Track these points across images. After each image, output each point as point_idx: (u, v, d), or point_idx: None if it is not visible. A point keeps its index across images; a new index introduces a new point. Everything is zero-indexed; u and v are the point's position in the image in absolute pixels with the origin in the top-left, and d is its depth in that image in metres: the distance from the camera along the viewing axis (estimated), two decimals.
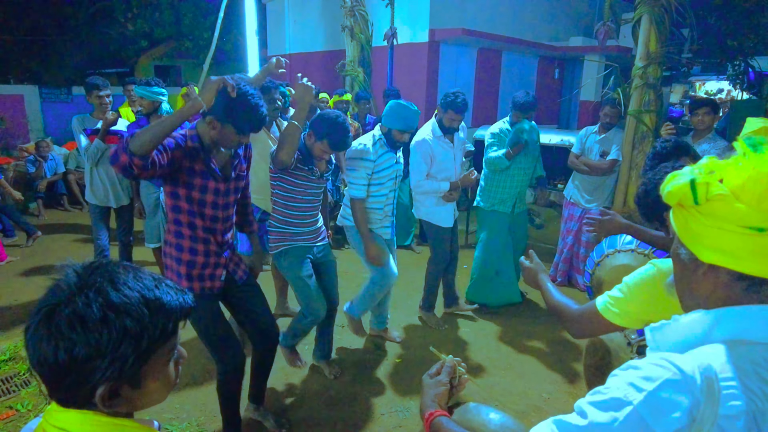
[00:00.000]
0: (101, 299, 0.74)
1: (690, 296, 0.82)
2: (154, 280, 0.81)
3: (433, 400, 1.09)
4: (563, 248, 4.62)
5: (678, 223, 0.80)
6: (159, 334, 0.77)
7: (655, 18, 4.21)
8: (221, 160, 2.11)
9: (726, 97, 13.34)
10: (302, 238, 2.78)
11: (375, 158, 3.00)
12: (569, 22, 10.26)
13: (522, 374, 3.21)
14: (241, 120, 1.95)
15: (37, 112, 9.97)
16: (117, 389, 0.77)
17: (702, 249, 0.75)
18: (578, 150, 4.45)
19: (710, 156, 0.80)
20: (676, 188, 0.76)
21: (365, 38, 6.94)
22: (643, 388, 0.69)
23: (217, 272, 2.20)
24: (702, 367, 0.69)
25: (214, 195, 2.08)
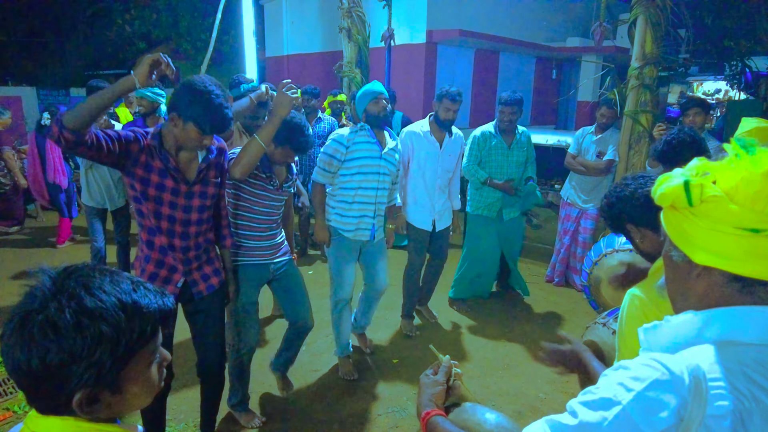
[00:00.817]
0: (74, 304, 0.73)
1: (682, 297, 0.83)
2: (132, 284, 0.80)
3: (429, 400, 1.09)
4: (560, 248, 4.63)
5: (670, 225, 0.80)
6: (137, 337, 0.76)
7: (651, 19, 4.22)
8: (184, 161, 2.05)
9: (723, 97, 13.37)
10: (257, 253, 2.50)
11: (348, 144, 2.83)
12: (566, 22, 10.29)
13: (518, 374, 3.22)
14: (202, 119, 1.88)
15: (35, 113, 9.94)
16: (96, 395, 0.76)
17: (696, 251, 0.75)
18: (575, 150, 4.47)
19: (701, 157, 0.80)
20: (669, 190, 0.76)
21: (362, 39, 6.94)
22: (632, 388, 0.70)
23: (174, 277, 2.11)
24: (690, 367, 0.70)
25: (171, 195, 2.02)
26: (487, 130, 3.86)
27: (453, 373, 1.15)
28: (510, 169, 3.88)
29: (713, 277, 0.76)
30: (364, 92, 2.95)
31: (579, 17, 10.45)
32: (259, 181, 2.41)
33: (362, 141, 2.88)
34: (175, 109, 1.92)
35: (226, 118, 1.94)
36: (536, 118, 10.31)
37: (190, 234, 2.12)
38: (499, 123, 3.85)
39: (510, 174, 3.88)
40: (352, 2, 6.78)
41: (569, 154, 4.49)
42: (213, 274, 2.24)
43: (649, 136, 4.29)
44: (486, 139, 3.83)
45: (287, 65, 10.36)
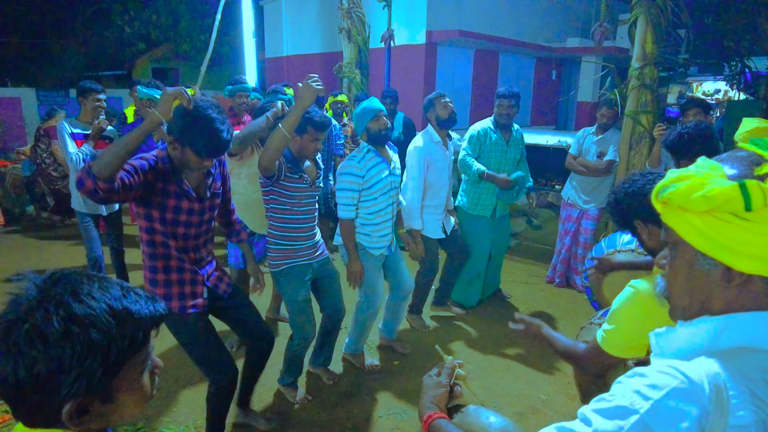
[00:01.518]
0: (62, 312, 0.70)
1: (699, 304, 0.77)
2: (122, 290, 0.77)
3: (432, 402, 1.07)
4: (561, 249, 4.62)
5: (695, 231, 0.72)
6: (128, 345, 0.74)
7: (651, 19, 4.22)
8: (194, 180, 2.06)
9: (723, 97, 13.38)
10: (303, 254, 2.65)
11: (363, 173, 2.80)
12: (566, 23, 10.29)
13: (520, 376, 3.21)
14: (198, 144, 1.87)
15: (34, 114, 9.95)
16: (86, 405, 0.73)
17: (741, 258, 0.69)
18: (576, 151, 4.46)
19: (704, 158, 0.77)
20: (718, 192, 0.68)
21: (362, 40, 6.94)
22: (649, 396, 0.67)
23: (197, 290, 2.15)
24: (710, 375, 0.67)
25: (187, 215, 2.04)
26: (486, 126, 3.84)
27: (457, 374, 1.13)
28: (507, 166, 3.88)
29: (753, 284, 0.72)
30: (364, 110, 2.88)
31: (579, 17, 10.45)
32: (294, 183, 2.52)
33: (373, 165, 2.85)
34: (172, 133, 1.92)
35: (222, 142, 1.92)
36: (536, 119, 10.31)
37: (200, 244, 2.19)
38: (497, 118, 3.82)
39: (507, 171, 3.88)
40: (352, 3, 6.77)
41: (570, 155, 4.48)
42: (223, 273, 2.32)
43: (649, 137, 4.29)
44: (486, 135, 3.80)
45: (287, 66, 10.35)
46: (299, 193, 2.56)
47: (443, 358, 1.17)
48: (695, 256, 0.75)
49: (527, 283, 4.76)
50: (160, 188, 1.95)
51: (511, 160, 3.90)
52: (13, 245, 5.68)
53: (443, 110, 3.41)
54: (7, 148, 9.12)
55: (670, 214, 0.76)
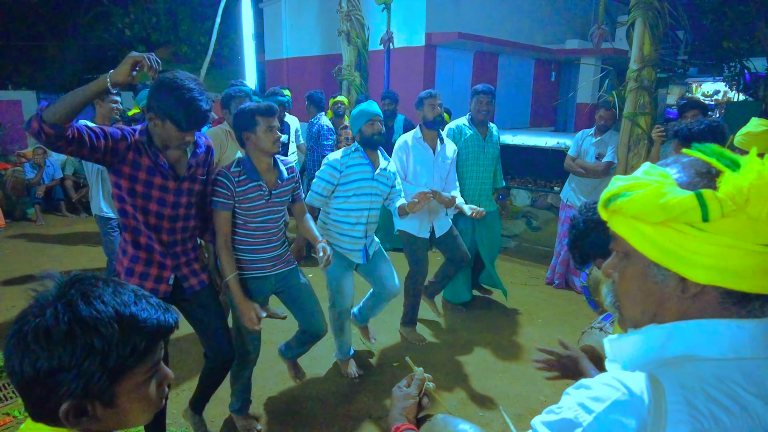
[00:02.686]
0: (70, 313, 0.72)
1: (650, 314, 0.76)
2: (136, 297, 0.79)
3: (401, 413, 1.07)
4: (560, 251, 4.63)
5: (650, 242, 0.71)
6: (129, 352, 0.75)
7: (649, 21, 4.23)
8: (172, 157, 2.05)
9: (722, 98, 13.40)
10: (257, 266, 2.42)
11: (342, 168, 2.83)
12: (565, 24, 10.31)
13: (519, 377, 3.22)
14: (178, 115, 1.86)
15: None
16: (84, 407, 0.75)
17: (696, 269, 0.68)
18: (575, 152, 4.48)
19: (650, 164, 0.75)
20: (674, 203, 0.66)
21: (362, 42, 6.95)
22: (592, 409, 0.68)
23: (164, 274, 2.11)
24: (650, 386, 0.67)
25: (160, 191, 2.01)
26: (461, 123, 3.87)
27: (426, 385, 1.13)
28: (486, 161, 3.89)
29: (708, 294, 0.70)
30: (361, 112, 2.90)
31: (577, 19, 10.47)
32: (251, 192, 2.30)
33: (355, 163, 2.87)
34: (151, 109, 1.90)
35: (201, 111, 1.89)
36: (535, 120, 10.32)
37: (177, 229, 2.13)
38: (475, 114, 3.83)
39: (486, 166, 3.89)
40: (351, 5, 6.80)
41: (569, 156, 4.50)
42: (201, 271, 2.26)
43: (647, 138, 4.30)
44: (460, 132, 3.82)
45: (286, 68, 10.38)
46: (255, 203, 2.32)
47: (413, 369, 1.17)
48: (648, 267, 0.73)
49: (526, 285, 4.77)
50: (130, 159, 1.93)
51: (489, 155, 3.90)
52: (14, 248, 5.70)
53: (430, 111, 3.42)
54: (7, 151, 9.14)
55: (621, 224, 0.74)
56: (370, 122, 2.86)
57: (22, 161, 7.40)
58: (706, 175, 0.69)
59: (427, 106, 3.42)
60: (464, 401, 2.96)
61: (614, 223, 0.76)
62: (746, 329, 0.68)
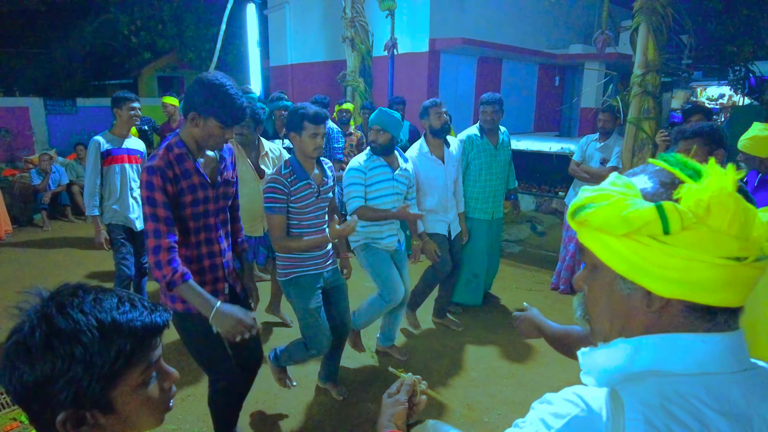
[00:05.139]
0: (45, 326, 0.73)
1: (618, 328, 0.75)
2: (119, 302, 0.78)
3: (390, 420, 1.06)
4: (565, 255, 4.62)
5: (613, 254, 0.70)
6: (115, 356, 0.74)
7: (653, 26, 4.24)
8: (208, 165, 2.07)
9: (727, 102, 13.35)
10: (312, 263, 2.59)
11: (365, 170, 2.98)
12: (569, 29, 10.32)
13: (523, 383, 3.21)
14: (222, 112, 1.90)
15: (42, 123, 10.06)
16: (82, 416, 0.75)
17: (659, 282, 0.67)
18: (579, 158, 4.47)
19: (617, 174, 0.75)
20: (636, 214, 0.65)
21: (366, 48, 6.99)
22: (551, 425, 0.69)
23: (218, 287, 2.13)
24: (609, 402, 0.66)
25: (204, 204, 2.04)
26: (472, 133, 3.91)
27: (418, 390, 1.12)
28: (498, 169, 3.94)
29: (673, 308, 0.68)
30: (374, 115, 3.04)
31: (581, 24, 10.49)
32: (302, 191, 2.46)
33: (376, 166, 3.03)
34: (192, 109, 1.91)
35: (243, 108, 1.96)
36: (539, 126, 10.33)
37: (224, 235, 2.17)
38: (482, 124, 3.88)
39: (498, 174, 3.94)
40: (355, 12, 6.84)
41: (573, 162, 4.50)
42: (237, 277, 2.30)
43: (652, 143, 4.29)
44: (471, 142, 3.87)
45: (291, 74, 10.43)
46: (307, 201, 2.49)
47: (399, 376, 1.16)
48: (615, 279, 0.72)
49: (531, 290, 4.76)
50: (173, 193, 1.94)
51: (501, 162, 3.96)
52: (22, 253, 5.73)
53: (436, 120, 3.45)
54: (15, 157, 9.22)
55: (588, 236, 0.73)
56: (377, 132, 3.01)
57: (29, 167, 7.46)
58: (670, 185, 0.68)
59: (433, 114, 3.45)
60: (469, 407, 2.95)
61: (582, 235, 0.75)
62: (710, 343, 0.67)
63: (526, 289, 4.79)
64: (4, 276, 4.97)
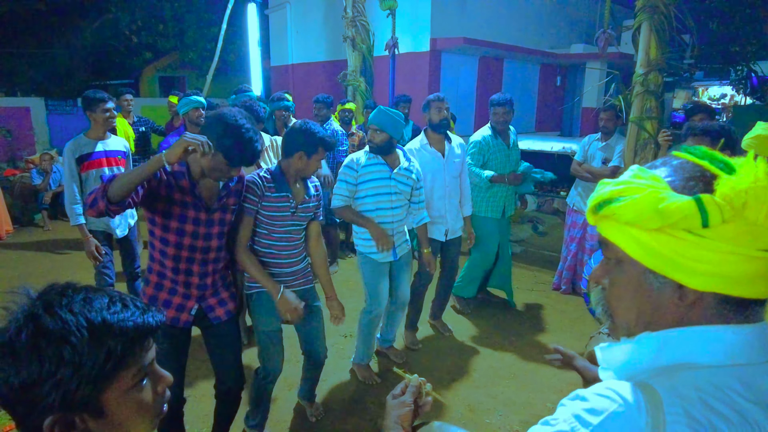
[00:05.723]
0: (32, 326, 0.70)
1: (642, 322, 0.74)
2: (110, 301, 0.75)
3: (395, 422, 1.04)
4: (567, 256, 4.60)
5: (646, 249, 0.68)
6: (105, 358, 0.71)
7: (655, 25, 4.22)
8: (207, 189, 2.07)
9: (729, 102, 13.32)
10: (279, 280, 2.37)
11: (358, 168, 2.90)
12: (570, 29, 10.30)
13: (526, 384, 3.19)
14: (232, 152, 1.91)
15: (43, 124, 10.07)
16: (71, 420, 0.72)
17: (696, 277, 0.65)
18: (581, 157, 4.45)
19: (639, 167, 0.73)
20: (673, 208, 0.63)
21: (367, 48, 6.98)
22: (589, 422, 0.66)
23: (188, 304, 2.11)
24: (647, 396, 0.65)
25: (193, 224, 2.03)
26: (486, 134, 3.92)
27: (423, 392, 1.10)
28: (511, 166, 4.02)
29: (705, 301, 0.68)
30: (373, 115, 2.96)
31: (583, 23, 10.46)
32: (277, 202, 2.31)
33: (371, 164, 2.93)
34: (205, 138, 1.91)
35: (255, 152, 1.96)
36: (541, 125, 10.31)
37: (209, 260, 2.14)
38: (494, 125, 3.91)
39: (512, 171, 4.02)
40: (356, 11, 6.83)
41: (575, 161, 4.48)
42: (230, 300, 2.25)
43: (654, 143, 4.27)
44: (487, 143, 3.89)
45: (292, 74, 10.42)
46: (281, 213, 2.32)
47: (404, 378, 1.14)
48: (643, 274, 0.71)
49: (533, 290, 4.74)
50: (163, 195, 1.96)
51: (513, 161, 4.04)
52: (22, 253, 5.73)
53: (435, 114, 3.44)
54: (16, 157, 9.23)
55: (614, 230, 0.71)
56: (374, 131, 2.92)
57: (29, 167, 7.46)
58: (701, 178, 0.67)
59: (434, 108, 3.44)
60: (471, 408, 2.94)
61: (605, 229, 0.73)
62: (740, 334, 0.67)
63: (528, 289, 4.77)
64: (4, 276, 4.97)
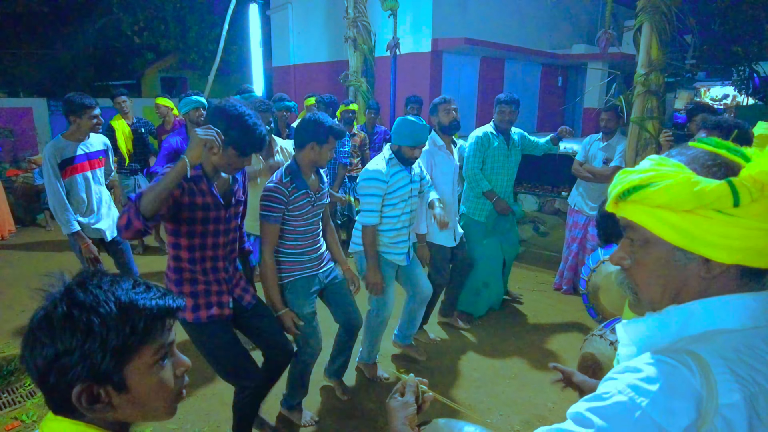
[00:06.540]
0: (67, 299, 0.77)
1: (669, 295, 0.80)
2: (135, 284, 0.82)
3: (404, 424, 1.05)
4: (568, 256, 4.60)
5: (675, 229, 0.75)
6: (130, 331, 0.77)
7: (656, 25, 4.22)
8: (222, 186, 2.11)
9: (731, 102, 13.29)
10: (306, 266, 2.57)
11: (387, 179, 2.84)
12: (572, 29, 10.30)
13: (527, 383, 3.19)
14: (241, 142, 1.94)
15: (46, 124, 10.09)
16: (97, 392, 0.78)
17: (723, 251, 0.73)
18: (582, 157, 4.45)
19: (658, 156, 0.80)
20: (708, 190, 0.70)
21: (368, 49, 6.99)
22: (648, 390, 0.69)
23: (223, 299, 2.18)
24: (695, 361, 0.70)
25: (215, 224, 2.07)
26: (488, 131, 3.87)
27: (420, 391, 1.11)
28: (509, 168, 3.93)
29: (729, 272, 0.75)
30: (412, 134, 2.84)
31: (584, 24, 10.46)
32: (300, 200, 2.43)
33: (396, 171, 2.89)
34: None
35: (262, 137, 1.99)
36: (542, 125, 10.30)
37: (230, 253, 2.21)
38: (498, 123, 3.87)
39: (510, 175, 3.94)
40: (358, 12, 6.84)
41: (576, 161, 4.48)
42: (248, 285, 2.34)
43: (655, 143, 4.27)
44: (488, 140, 3.83)
45: (294, 75, 10.44)
46: (303, 210, 2.47)
47: (400, 377, 1.15)
48: (672, 252, 0.78)
49: (534, 291, 4.74)
50: (186, 203, 1.98)
51: (513, 163, 3.95)
52: (24, 253, 5.74)
53: (445, 116, 3.43)
54: (19, 158, 9.25)
55: (642, 213, 0.78)
56: (411, 148, 2.88)
57: (32, 167, 7.48)
58: (722, 164, 0.75)
59: (442, 111, 3.43)
60: (471, 407, 2.94)
61: (631, 213, 0.80)
62: (759, 300, 0.75)
63: (529, 289, 4.77)
64: (7, 275, 4.98)
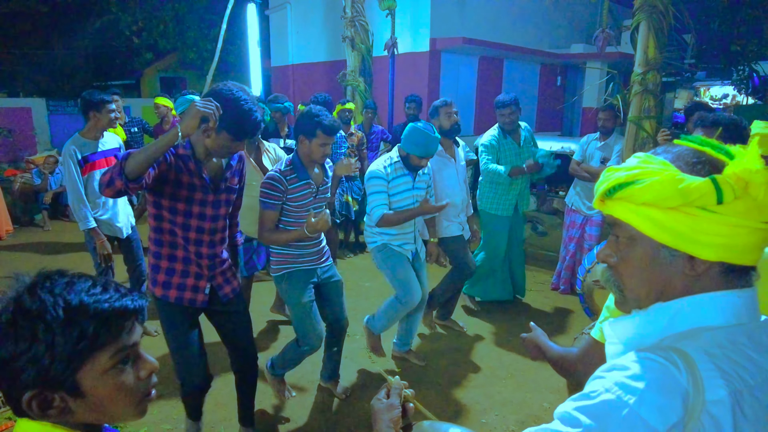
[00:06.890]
0: (13, 306, 0.75)
1: (654, 293, 0.80)
2: (92, 285, 0.79)
3: (389, 426, 1.04)
4: (565, 256, 4.59)
5: (660, 226, 0.75)
6: (78, 337, 0.74)
7: (654, 24, 4.21)
8: (212, 170, 2.09)
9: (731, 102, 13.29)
10: (305, 260, 2.61)
11: (387, 178, 2.90)
12: (570, 29, 10.29)
13: (522, 383, 3.18)
14: (235, 126, 1.92)
15: (45, 124, 10.11)
16: (49, 398, 0.75)
17: (706, 248, 0.73)
18: (580, 157, 4.45)
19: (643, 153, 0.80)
20: (693, 188, 0.71)
21: (366, 48, 6.98)
22: (636, 387, 0.69)
23: (200, 284, 2.14)
24: (681, 357, 0.70)
25: (200, 206, 2.05)
26: (494, 134, 3.91)
27: (405, 395, 1.10)
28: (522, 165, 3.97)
29: (713, 269, 0.75)
30: (424, 145, 2.84)
31: (582, 23, 10.45)
32: (300, 191, 2.48)
33: (398, 176, 2.95)
34: (206, 120, 1.88)
35: (257, 122, 1.97)
36: (541, 125, 10.29)
37: (216, 240, 2.17)
38: (501, 125, 3.91)
39: None
40: (356, 12, 6.83)
41: (574, 161, 4.47)
42: (233, 278, 2.30)
43: (653, 142, 4.26)
44: (497, 143, 3.87)
45: (292, 75, 10.44)
46: (305, 200, 2.51)
47: (387, 379, 1.14)
48: (656, 249, 0.78)
49: (532, 290, 4.73)
50: (172, 179, 1.95)
51: (525, 159, 3.96)
52: (22, 253, 5.74)
53: (446, 120, 3.43)
54: (18, 157, 9.26)
55: (627, 211, 0.78)
56: (419, 158, 2.89)
57: (30, 167, 7.48)
58: (706, 162, 0.75)
59: (443, 114, 3.43)
60: (467, 408, 2.93)
61: (617, 211, 0.80)
62: (743, 297, 0.76)
63: (527, 289, 4.76)
64: (4, 275, 4.98)
